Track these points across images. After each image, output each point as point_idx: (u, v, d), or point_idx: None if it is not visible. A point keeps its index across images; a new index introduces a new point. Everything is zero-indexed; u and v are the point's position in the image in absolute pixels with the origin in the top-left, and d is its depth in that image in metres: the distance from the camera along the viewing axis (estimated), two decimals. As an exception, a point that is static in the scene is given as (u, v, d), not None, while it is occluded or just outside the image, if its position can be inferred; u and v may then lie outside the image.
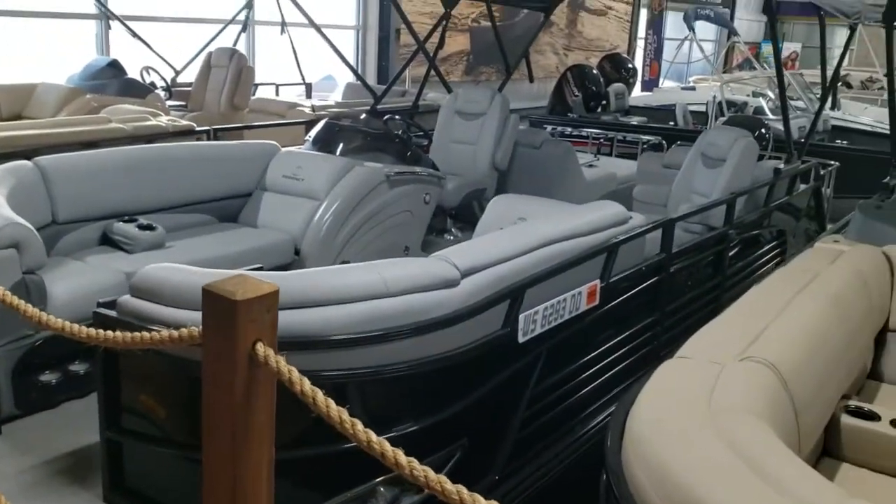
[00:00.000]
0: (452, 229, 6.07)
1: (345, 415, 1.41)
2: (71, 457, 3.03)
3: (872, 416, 2.62)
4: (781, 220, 5.94)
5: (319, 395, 1.40)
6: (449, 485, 1.27)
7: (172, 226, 4.40)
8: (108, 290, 3.59)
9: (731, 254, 4.97)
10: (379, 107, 7.16)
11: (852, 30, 6.83)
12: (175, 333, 1.45)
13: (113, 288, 3.59)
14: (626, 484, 1.85)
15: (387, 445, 1.34)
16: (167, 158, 4.67)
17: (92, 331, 1.61)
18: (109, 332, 1.54)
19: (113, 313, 2.66)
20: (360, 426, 1.37)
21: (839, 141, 10.70)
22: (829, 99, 10.85)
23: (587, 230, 3.41)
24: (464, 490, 1.27)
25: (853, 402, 2.72)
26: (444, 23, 7.33)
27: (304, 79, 10.53)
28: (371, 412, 2.60)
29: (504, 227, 3.66)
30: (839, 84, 15.49)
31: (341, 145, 5.31)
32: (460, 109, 6.43)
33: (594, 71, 12.83)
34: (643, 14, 19.59)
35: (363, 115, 6.43)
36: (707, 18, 15.08)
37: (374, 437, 1.35)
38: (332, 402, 1.40)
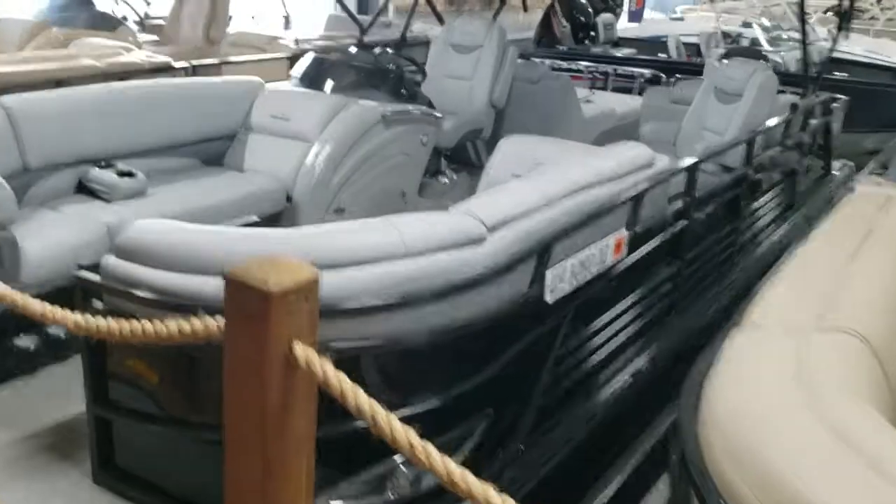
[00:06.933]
0: (447, 171, 5.74)
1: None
2: (55, 431, 2.77)
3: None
4: (791, 159, 5.67)
5: (379, 411, 1.12)
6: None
7: (153, 171, 4.08)
8: (90, 245, 3.31)
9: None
10: (365, 39, 6.75)
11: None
12: (187, 327, 1.14)
13: (94, 243, 3.31)
14: (706, 467, 1.61)
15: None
16: (146, 97, 4.32)
17: (79, 318, 1.31)
18: (101, 323, 1.24)
19: (96, 277, 2.36)
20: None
21: (837, 73, 10.39)
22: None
23: (614, 175, 3.13)
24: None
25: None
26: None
27: (284, 6, 10.04)
28: (388, 387, 2.35)
29: (519, 172, 3.37)
30: (828, 14, 15.09)
31: (331, 82, 4.96)
32: (455, 42, 6.06)
33: (583, 0, 12.37)
34: (629, -59, 18.98)
35: (352, 49, 6.04)
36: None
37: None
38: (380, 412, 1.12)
